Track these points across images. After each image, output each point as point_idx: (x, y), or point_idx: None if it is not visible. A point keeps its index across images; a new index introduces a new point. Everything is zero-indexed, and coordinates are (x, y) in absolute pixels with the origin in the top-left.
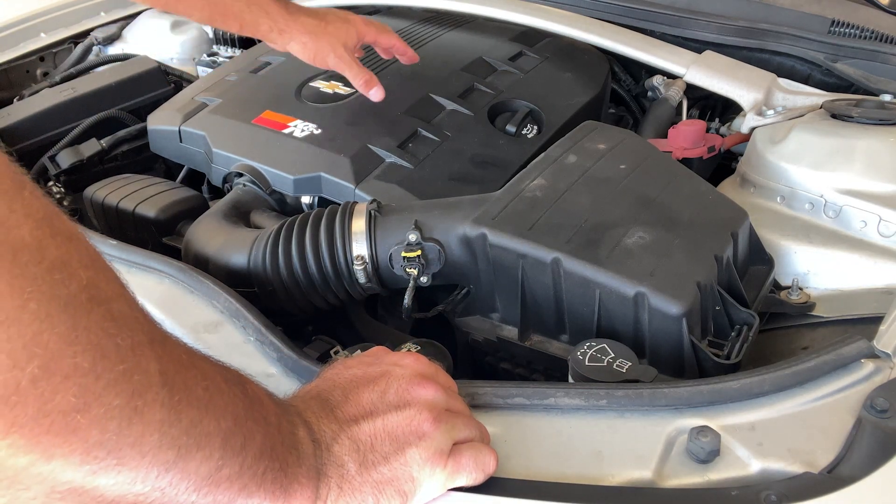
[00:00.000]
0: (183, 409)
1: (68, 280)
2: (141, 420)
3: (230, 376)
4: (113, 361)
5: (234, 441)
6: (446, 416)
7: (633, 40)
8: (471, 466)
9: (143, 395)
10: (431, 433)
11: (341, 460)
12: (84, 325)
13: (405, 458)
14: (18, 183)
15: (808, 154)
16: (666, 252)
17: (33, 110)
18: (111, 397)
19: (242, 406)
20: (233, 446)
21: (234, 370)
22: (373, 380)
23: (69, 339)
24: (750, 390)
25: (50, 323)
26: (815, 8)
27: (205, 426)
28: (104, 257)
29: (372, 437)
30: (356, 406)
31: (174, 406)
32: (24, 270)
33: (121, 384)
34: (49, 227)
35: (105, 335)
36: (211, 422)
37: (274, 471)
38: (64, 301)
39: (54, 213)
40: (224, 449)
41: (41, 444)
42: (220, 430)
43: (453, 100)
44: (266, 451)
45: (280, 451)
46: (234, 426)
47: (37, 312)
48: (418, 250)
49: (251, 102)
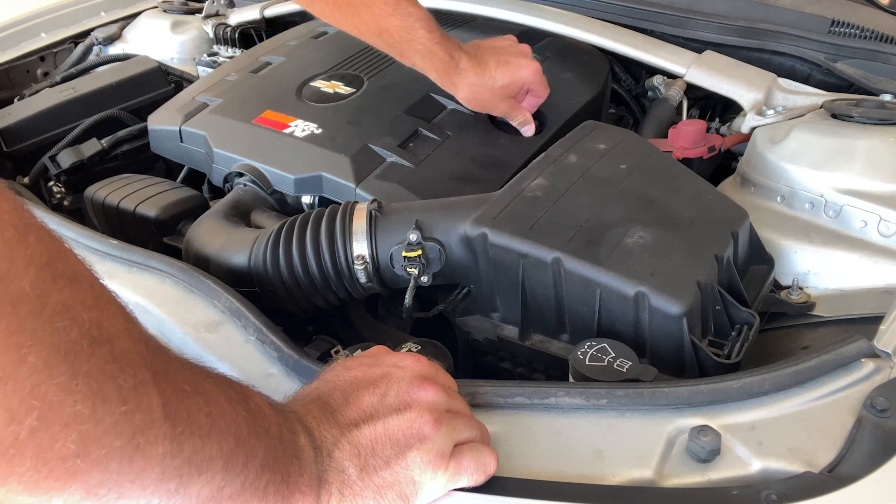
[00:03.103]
0: (185, 440)
1: (70, 326)
2: (143, 456)
3: (233, 394)
4: (114, 404)
5: (236, 461)
6: (447, 417)
7: (633, 40)
8: (472, 468)
9: (145, 433)
10: (432, 436)
11: (342, 466)
12: (85, 371)
13: (406, 462)
14: (22, 229)
15: (809, 154)
16: (666, 252)
17: (34, 110)
18: (112, 439)
19: (245, 424)
20: (235, 466)
21: (237, 383)
22: (373, 382)
23: (69, 389)
24: (750, 390)
25: (49, 374)
26: (815, 8)
27: (207, 451)
28: (109, 291)
29: (373, 441)
30: (356, 409)
31: (176, 438)
32: (23, 324)
33: (122, 425)
34: (51, 272)
35: (107, 378)
36: (213, 446)
37: (276, 483)
38: (64, 349)
39: (58, 254)
40: (226, 470)
41: (40, 488)
42: (223, 452)
43: (454, 99)
44: (268, 465)
45: (282, 463)
46: (236, 446)
47: (35, 365)
48: (419, 250)
49: (252, 102)
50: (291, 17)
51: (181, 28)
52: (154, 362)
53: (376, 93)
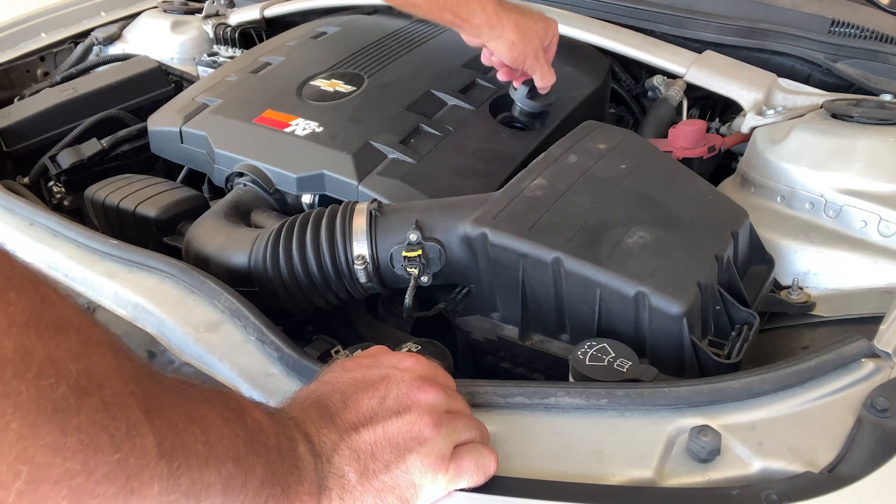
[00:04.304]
0: (182, 474)
1: (57, 383)
2: (138, 498)
3: (229, 413)
4: (107, 453)
5: (234, 482)
6: (447, 419)
7: (633, 40)
8: (472, 469)
9: (139, 476)
10: (432, 438)
11: (342, 471)
12: (74, 426)
13: (406, 465)
14: (2, 285)
15: (809, 154)
16: (666, 252)
17: (34, 110)
18: (105, 488)
19: (242, 444)
20: (234, 487)
21: (234, 398)
22: (372, 384)
23: (57, 447)
24: (750, 390)
25: (36, 436)
26: (815, 8)
27: (205, 480)
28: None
29: (372, 445)
30: (356, 413)
31: (173, 473)
32: (7, 388)
33: (116, 472)
34: (35, 328)
35: (98, 429)
36: (211, 473)
37: (276, 496)
38: (52, 408)
39: (42, 304)
40: (225, 493)
41: None
42: (221, 477)
43: (455, 95)
44: (267, 479)
45: (281, 475)
46: (234, 468)
47: (20, 430)
48: (419, 250)
49: (252, 102)
50: (291, 17)
51: (181, 28)
52: (146, 399)
53: (377, 90)
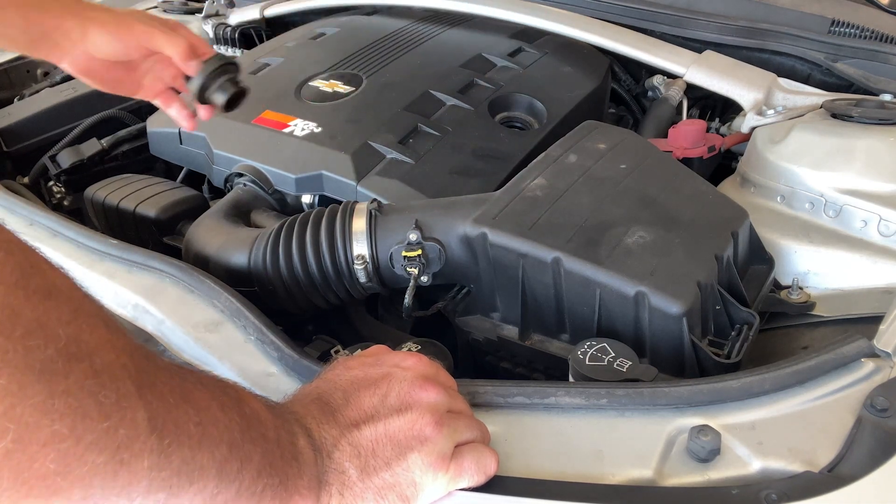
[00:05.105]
0: (174, 452)
1: (45, 344)
2: (128, 471)
3: (226, 399)
4: (95, 420)
5: (229, 467)
6: (448, 418)
7: (633, 40)
8: (473, 469)
9: (129, 447)
10: (434, 437)
11: (342, 467)
12: (62, 390)
13: (407, 464)
14: None
15: (808, 154)
16: (666, 251)
17: (33, 110)
18: (94, 456)
19: (238, 430)
20: (228, 473)
21: (233, 387)
22: (374, 382)
23: (45, 408)
24: (750, 389)
25: (23, 395)
26: (815, 8)
27: (198, 461)
28: (90, 300)
29: (373, 443)
30: (357, 410)
31: (164, 450)
32: None
33: (105, 441)
34: (24, 289)
35: (86, 395)
36: (204, 455)
37: (273, 487)
38: (39, 369)
39: (32, 269)
40: (219, 478)
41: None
42: (215, 460)
43: (453, 95)
44: (265, 469)
45: (279, 466)
46: (229, 453)
47: (7, 387)
48: (419, 249)
49: (251, 102)
50: (291, 18)
51: None
52: (139, 374)
53: (375, 91)
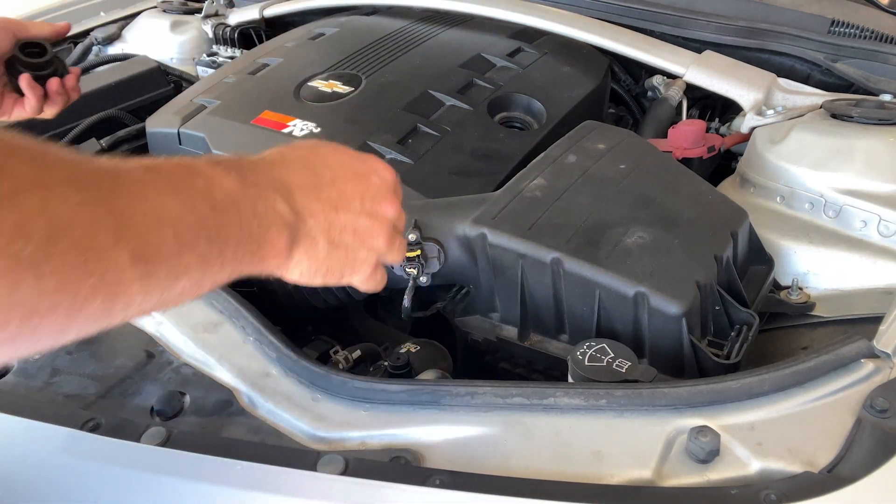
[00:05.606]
0: (158, 268)
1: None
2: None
3: (197, 198)
4: (85, 280)
5: (211, 254)
6: (395, 239)
7: (633, 40)
8: (373, 285)
9: (119, 282)
10: (379, 249)
11: (314, 234)
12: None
13: (355, 256)
14: None
15: (808, 154)
16: (666, 252)
17: None
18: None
19: (214, 223)
20: (210, 258)
21: (202, 175)
22: (359, 177)
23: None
24: (750, 390)
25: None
26: (815, 8)
27: (182, 264)
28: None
29: (342, 228)
30: (340, 195)
31: (148, 271)
32: None
33: (98, 287)
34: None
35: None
36: (186, 256)
37: (252, 251)
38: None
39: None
40: (202, 267)
41: None
42: (196, 257)
43: (452, 95)
44: (243, 240)
45: (257, 234)
46: (208, 247)
47: None
48: (418, 250)
49: (250, 103)
50: (291, 18)
51: (181, 28)
52: (114, 218)
53: (374, 91)
